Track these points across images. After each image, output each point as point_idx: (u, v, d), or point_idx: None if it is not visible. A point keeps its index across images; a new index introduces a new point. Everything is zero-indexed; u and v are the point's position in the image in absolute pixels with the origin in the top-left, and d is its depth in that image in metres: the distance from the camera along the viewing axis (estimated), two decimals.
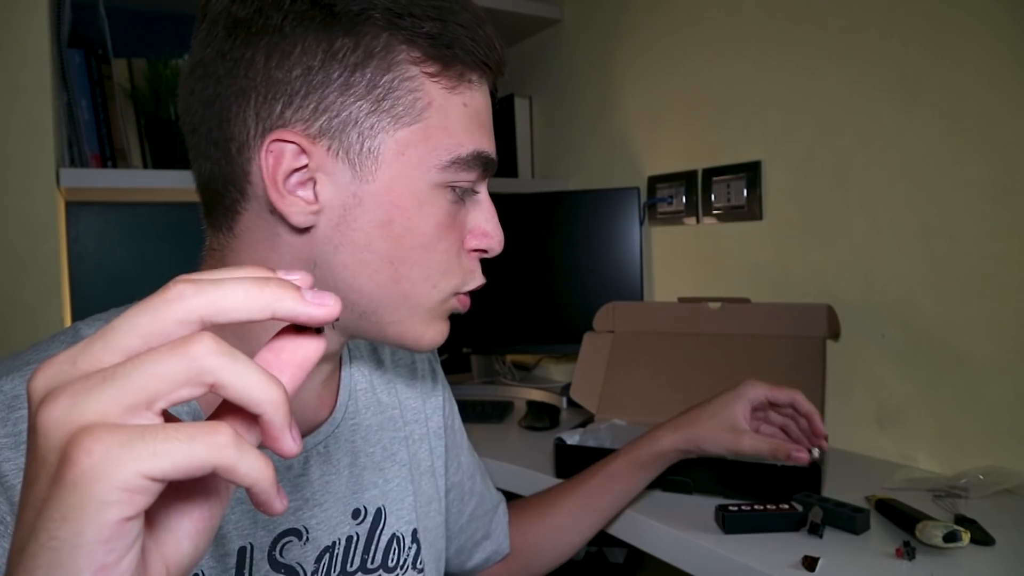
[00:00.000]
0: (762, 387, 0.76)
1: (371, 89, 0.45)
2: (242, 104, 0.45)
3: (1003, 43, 0.92)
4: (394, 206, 0.47)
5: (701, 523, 0.84)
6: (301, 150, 0.45)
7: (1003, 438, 0.94)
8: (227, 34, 0.46)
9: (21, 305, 1.12)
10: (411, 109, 0.46)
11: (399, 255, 0.48)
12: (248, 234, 0.49)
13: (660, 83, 1.44)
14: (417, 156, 0.47)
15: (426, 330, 0.52)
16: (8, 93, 1.11)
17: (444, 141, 0.48)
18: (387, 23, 0.45)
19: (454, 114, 0.48)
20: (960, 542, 0.71)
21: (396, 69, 0.46)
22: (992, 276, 0.94)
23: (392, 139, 0.46)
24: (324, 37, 0.44)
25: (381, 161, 0.46)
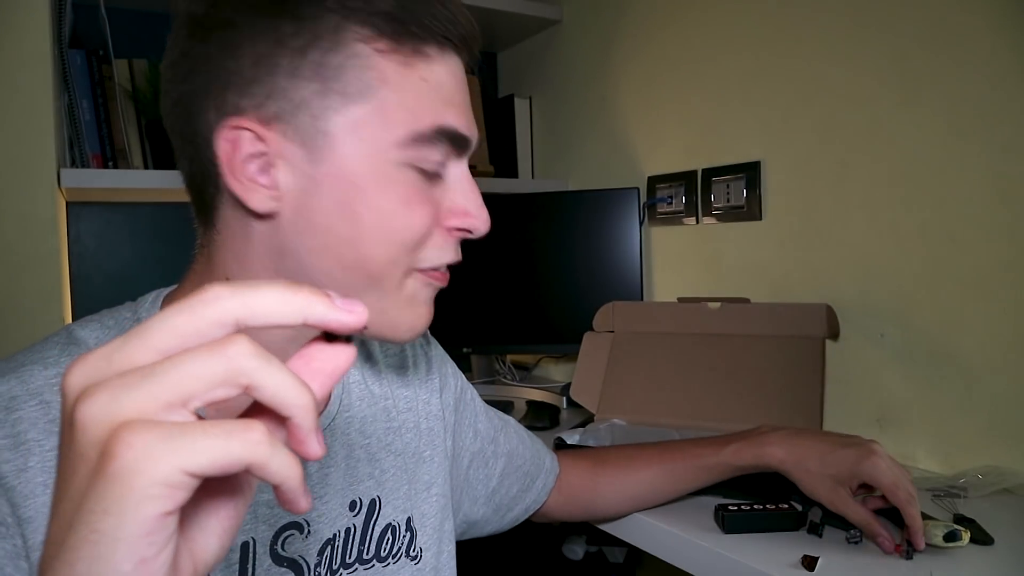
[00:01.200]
0: (884, 477, 0.71)
1: (319, 70, 0.45)
2: (203, 98, 0.46)
3: (1003, 43, 0.92)
4: (351, 186, 0.46)
5: (701, 523, 0.84)
6: (257, 136, 0.45)
7: (1002, 438, 0.94)
8: (188, 34, 0.47)
9: (21, 305, 1.12)
10: (362, 88, 0.46)
11: (360, 235, 0.47)
12: (226, 228, 0.49)
13: (660, 83, 1.44)
14: (372, 134, 0.46)
15: (401, 316, 0.50)
16: (9, 93, 1.11)
17: (400, 117, 0.47)
18: (335, 4, 0.45)
19: (411, 89, 0.47)
20: (960, 541, 0.71)
21: (345, 49, 0.45)
22: (991, 276, 0.94)
23: (344, 119, 0.46)
24: (272, 24, 0.45)
25: (335, 142, 0.46)
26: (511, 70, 1.89)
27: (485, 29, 1.74)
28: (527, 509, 0.81)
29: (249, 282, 0.26)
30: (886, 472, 0.71)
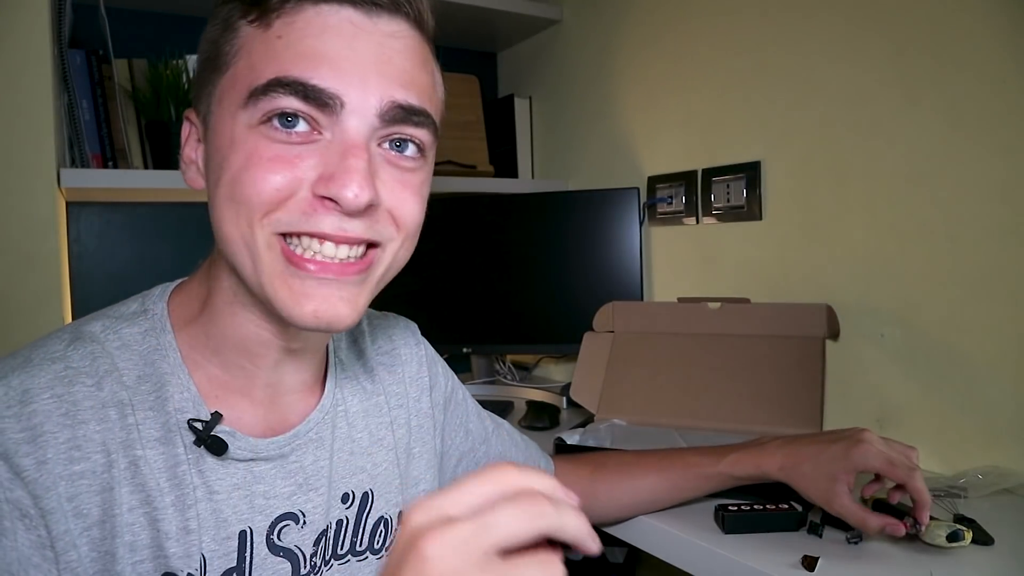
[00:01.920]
0: (876, 459, 0.70)
1: (208, 51, 0.49)
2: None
3: (1003, 44, 0.92)
4: (216, 150, 0.49)
5: (701, 523, 0.84)
6: (191, 122, 0.52)
7: (1002, 438, 0.94)
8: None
9: (22, 305, 1.12)
10: (228, 58, 0.48)
11: (216, 197, 0.48)
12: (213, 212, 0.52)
13: (660, 83, 1.44)
14: (228, 100, 0.48)
15: (278, 292, 0.47)
16: (9, 93, 1.11)
17: (244, 75, 0.47)
18: None
19: (261, 49, 0.46)
20: (963, 542, 0.71)
21: (226, 27, 0.48)
22: (992, 276, 0.94)
23: (217, 91, 0.49)
24: (208, 27, 0.50)
25: (212, 116, 0.49)
26: (511, 70, 1.89)
27: (485, 29, 1.74)
28: None
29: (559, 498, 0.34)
30: (877, 455, 0.70)
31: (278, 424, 0.56)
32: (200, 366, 0.53)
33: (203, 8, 1.59)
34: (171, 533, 0.49)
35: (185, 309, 0.54)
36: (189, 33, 1.50)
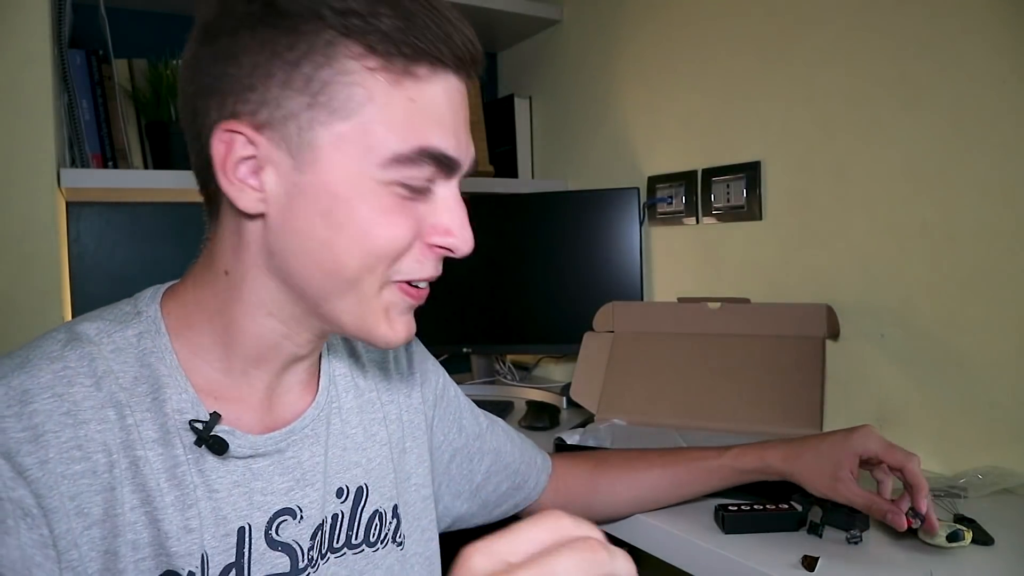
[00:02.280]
0: (876, 443, 0.73)
1: (308, 83, 0.47)
2: (206, 100, 0.49)
3: (1002, 43, 0.92)
4: (332, 197, 0.48)
5: (701, 523, 0.84)
6: (249, 140, 0.48)
7: (1002, 438, 0.94)
8: (198, 38, 0.50)
9: (22, 305, 1.12)
10: (348, 104, 0.47)
11: (338, 243, 0.49)
12: (224, 224, 0.52)
13: (660, 83, 1.44)
14: (355, 151, 0.48)
15: (377, 325, 0.52)
16: (9, 93, 1.11)
17: (383, 137, 0.48)
18: (330, 20, 0.46)
19: (397, 109, 0.47)
20: (963, 541, 0.71)
21: (335, 64, 0.46)
22: (992, 276, 0.94)
23: (329, 133, 0.47)
24: (270, 36, 0.47)
25: (319, 154, 0.47)
26: (511, 70, 1.89)
27: (485, 29, 1.74)
28: (517, 505, 0.82)
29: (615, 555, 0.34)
30: (877, 439, 0.73)
31: (274, 423, 0.57)
32: (197, 369, 0.53)
33: None
34: (172, 532, 0.49)
35: (182, 314, 0.54)
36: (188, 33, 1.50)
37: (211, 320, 0.53)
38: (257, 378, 0.55)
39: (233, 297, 0.52)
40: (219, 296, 0.53)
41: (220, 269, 0.52)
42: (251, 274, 0.52)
